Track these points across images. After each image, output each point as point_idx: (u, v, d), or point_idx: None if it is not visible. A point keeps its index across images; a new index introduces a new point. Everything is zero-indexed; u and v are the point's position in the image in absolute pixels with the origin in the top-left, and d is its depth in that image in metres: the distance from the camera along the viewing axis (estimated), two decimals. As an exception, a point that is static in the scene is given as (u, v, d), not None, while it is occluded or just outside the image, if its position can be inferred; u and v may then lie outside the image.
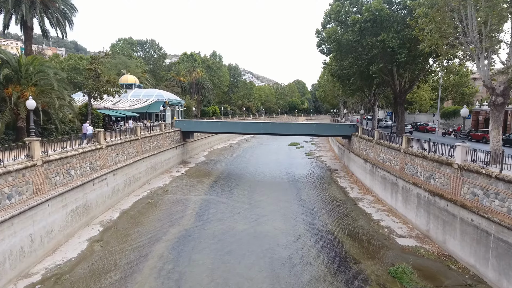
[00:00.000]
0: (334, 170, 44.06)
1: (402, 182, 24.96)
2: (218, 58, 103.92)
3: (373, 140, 33.44)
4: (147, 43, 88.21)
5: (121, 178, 28.18)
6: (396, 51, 29.39)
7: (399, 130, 37.49)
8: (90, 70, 32.10)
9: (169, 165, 42.37)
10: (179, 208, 26.75)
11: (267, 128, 46.02)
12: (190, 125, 49.73)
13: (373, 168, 32.25)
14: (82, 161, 22.39)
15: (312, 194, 31.93)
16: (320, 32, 39.38)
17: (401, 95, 36.73)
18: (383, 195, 29.05)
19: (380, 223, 23.80)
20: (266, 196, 30.61)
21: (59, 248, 18.47)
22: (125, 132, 33.68)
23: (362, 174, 36.30)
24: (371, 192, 32.21)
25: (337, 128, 46.17)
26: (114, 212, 25.00)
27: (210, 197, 30.05)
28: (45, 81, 24.63)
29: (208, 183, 35.80)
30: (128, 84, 60.57)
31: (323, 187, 34.91)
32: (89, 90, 32.51)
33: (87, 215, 22.16)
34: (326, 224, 23.49)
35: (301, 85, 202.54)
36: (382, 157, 30.59)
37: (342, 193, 32.49)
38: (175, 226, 22.65)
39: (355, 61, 33.77)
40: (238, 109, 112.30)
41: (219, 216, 24.75)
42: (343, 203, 28.72)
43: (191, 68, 79.90)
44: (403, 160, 25.79)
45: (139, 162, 32.55)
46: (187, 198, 29.48)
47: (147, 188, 32.61)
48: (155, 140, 38.26)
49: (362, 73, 34.64)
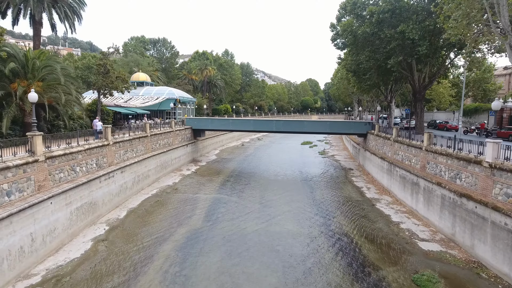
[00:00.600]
0: (349, 170, 42.51)
1: (424, 182, 23.40)
2: (230, 56, 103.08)
3: (391, 138, 31.83)
4: (159, 42, 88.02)
5: (129, 176, 27.46)
6: (417, 43, 27.75)
7: (419, 128, 35.77)
8: (100, 66, 31.51)
9: (180, 163, 41.63)
10: (188, 207, 25.83)
11: (280, 126, 44.79)
12: (201, 122, 48.96)
13: (391, 167, 30.67)
14: (88, 157, 21.68)
15: (326, 194, 30.57)
16: (334, 26, 37.93)
17: (420, 90, 34.99)
18: (402, 196, 27.47)
19: (400, 225, 22.31)
20: (278, 196, 29.42)
21: (62, 248, 17.73)
22: (133, 129, 33.14)
23: (379, 174, 34.71)
24: (388, 192, 30.63)
25: (352, 126, 44.58)
26: (121, 211, 24.25)
27: (220, 196, 29.05)
28: (52, 76, 24.02)
29: (219, 181, 34.83)
30: (139, 82, 60.26)
31: (337, 186, 33.48)
32: (98, 86, 31.94)
33: (93, 213, 21.44)
34: (342, 226, 22.15)
35: (314, 83, 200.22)
36: (401, 156, 29.00)
37: (358, 193, 31.02)
38: (183, 226, 21.71)
39: (372, 55, 32.23)
40: (250, 108, 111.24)
41: (229, 216, 23.70)
42: (360, 204, 27.28)
43: (202, 66, 79.28)
44: (425, 159, 24.20)
45: (148, 159, 31.83)
46: (197, 197, 28.56)
47: (156, 186, 31.86)
48: (165, 137, 37.54)
49: (379, 68, 33.06)
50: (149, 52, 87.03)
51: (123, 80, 34.34)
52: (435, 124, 51.48)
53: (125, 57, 72.86)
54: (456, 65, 38.54)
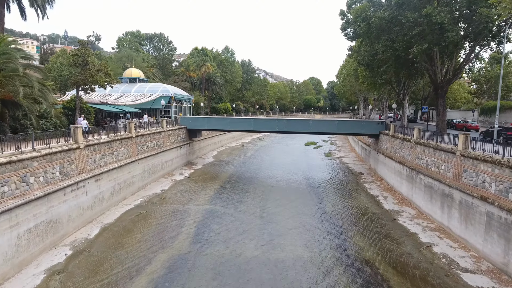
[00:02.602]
0: (360, 174, 38.31)
1: (460, 194, 19.21)
2: (231, 53, 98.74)
3: (412, 139, 27.64)
4: (156, 37, 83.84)
5: (107, 185, 23.38)
6: (446, 28, 23.53)
7: (440, 127, 31.54)
8: (76, 57, 27.42)
9: (172, 167, 37.55)
10: (175, 222, 21.72)
11: (283, 125, 40.59)
12: (197, 122, 44.80)
13: (412, 174, 26.49)
14: (48, 165, 17.60)
15: (337, 204, 26.42)
16: (345, 14, 33.70)
17: (443, 85, 30.71)
18: (428, 208, 23.29)
19: (433, 248, 18.14)
20: (282, 207, 25.29)
21: (2, 285, 13.66)
22: (120, 129, 29.10)
23: (396, 180, 30.52)
24: (409, 203, 26.46)
25: (363, 126, 40.32)
26: (93, 228, 20.17)
27: (214, 208, 24.94)
28: (10, 66, 19.98)
29: (214, 189, 30.71)
30: (132, 78, 56.36)
31: (349, 195, 29.31)
32: (75, 80, 27.89)
33: (53, 234, 17.37)
34: (361, 250, 17.99)
35: (317, 82, 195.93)
36: (426, 161, 24.80)
37: (374, 203, 26.85)
38: (165, 249, 17.61)
39: (389, 44, 28.00)
40: (251, 107, 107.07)
41: (223, 235, 19.58)
42: (378, 218, 23.12)
43: (200, 62, 75.07)
44: (460, 166, 20.00)
45: (132, 164, 27.75)
46: (187, 209, 24.46)
47: (142, 195, 27.79)
48: (154, 138, 33.44)
49: (397, 59, 28.81)
50: (145, 48, 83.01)
51: (106, 73, 30.26)
52: (452, 124, 47.13)
53: (118, 53, 68.93)
54: (481, 58, 34.27)
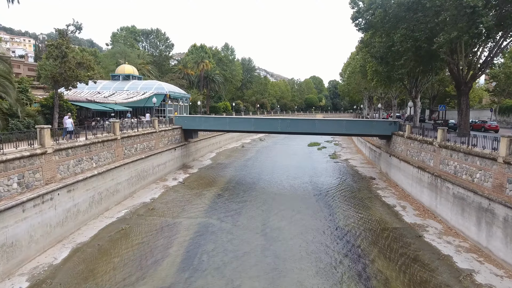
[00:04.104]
0: (371, 179, 34.91)
1: (505, 210, 15.83)
2: (231, 51, 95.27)
3: (435, 142, 24.26)
4: (152, 33, 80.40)
5: (83, 195, 20.02)
6: (480, 13, 20.14)
7: (463, 128, 28.18)
8: (52, 48, 24.02)
9: (165, 171, 34.20)
10: (162, 241, 18.37)
11: (286, 125, 37.19)
12: (193, 122, 41.42)
13: (435, 182, 23.12)
14: (1, 175, 14.26)
15: (350, 216, 23.04)
16: (355, 2, 30.27)
17: (468, 81, 27.36)
18: (459, 224, 19.91)
19: (474, 277, 14.77)
20: (287, 221, 21.92)
21: None
22: (101, 129, 25.78)
23: (415, 187, 27.15)
24: (433, 215, 23.07)
25: (373, 126, 36.84)
26: (62, 249, 16.81)
27: (209, 221, 21.57)
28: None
29: (210, 197, 27.36)
30: (125, 75, 52.93)
31: (363, 204, 25.94)
32: (51, 74, 24.51)
33: (7, 261, 14.02)
34: (388, 281, 14.58)
35: (318, 81, 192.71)
36: (454, 167, 21.40)
37: (392, 215, 23.48)
38: (145, 280, 14.24)
39: (409, 33, 24.61)
40: (252, 106, 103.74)
41: (218, 260, 16.20)
42: (401, 234, 19.75)
43: (198, 59, 71.68)
44: (503, 175, 16.62)
45: (117, 170, 24.39)
46: (177, 223, 21.10)
47: (127, 204, 24.45)
48: (144, 140, 30.09)
49: (418, 50, 25.38)
50: (141, 45, 79.64)
51: (88, 67, 26.86)
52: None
53: (112, 49, 65.64)
54: (506, 52, 30.92)
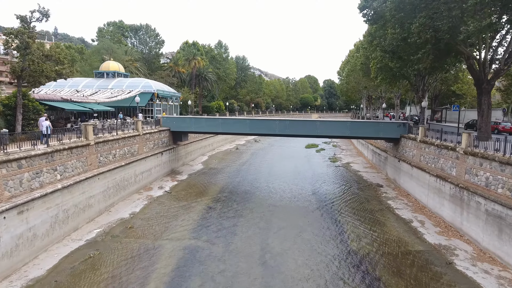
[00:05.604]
0: (378, 186, 31.67)
1: None
2: (224, 48, 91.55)
3: (458, 147, 21.05)
4: (142, 29, 76.36)
5: (42, 215, 16.40)
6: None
7: (484, 131, 25.05)
8: (11, 37, 20.27)
9: (150, 179, 30.61)
10: (137, 273, 14.83)
11: (284, 127, 33.81)
12: (183, 123, 37.84)
13: (461, 194, 19.90)
14: None
15: (363, 236, 19.70)
16: (363, -11, 27.07)
17: (490, 79, 24.25)
18: (496, 247, 16.67)
19: (534, 326, 11.53)
20: (289, 242, 18.51)
21: None
22: (72, 133, 22.09)
23: (432, 199, 23.95)
24: (458, 232, 19.84)
25: (380, 128, 33.56)
26: (7, 289, 13.23)
27: (197, 244, 18.06)
28: None
29: (200, 210, 23.84)
30: (110, 72, 49.06)
31: (374, 219, 22.65)
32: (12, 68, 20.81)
33: None
34: (427, 334, 11.29)
35: (313, 80, 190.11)
36: (486, 179, 18.18)
37: (410, 232, 20.20)
38: (108, 338, 10.75)
39: (429, 23, 21.34)
40: (246, 105, 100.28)
41: (206, 302, 12.76)
42: (426, 261, 16.47)
43: (190, 56, 67.91)
44: (559, 192, 13.42)
45: (88, 181, 20.77)
46: (159, 246, 17.57)
47: (102, 222, 20.85)
48: (125, 144, 26.49)
49: (439, 42, 22.10)
50: (129, 41, 75.60)
51: (58, 61, 23.19)
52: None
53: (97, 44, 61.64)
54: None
